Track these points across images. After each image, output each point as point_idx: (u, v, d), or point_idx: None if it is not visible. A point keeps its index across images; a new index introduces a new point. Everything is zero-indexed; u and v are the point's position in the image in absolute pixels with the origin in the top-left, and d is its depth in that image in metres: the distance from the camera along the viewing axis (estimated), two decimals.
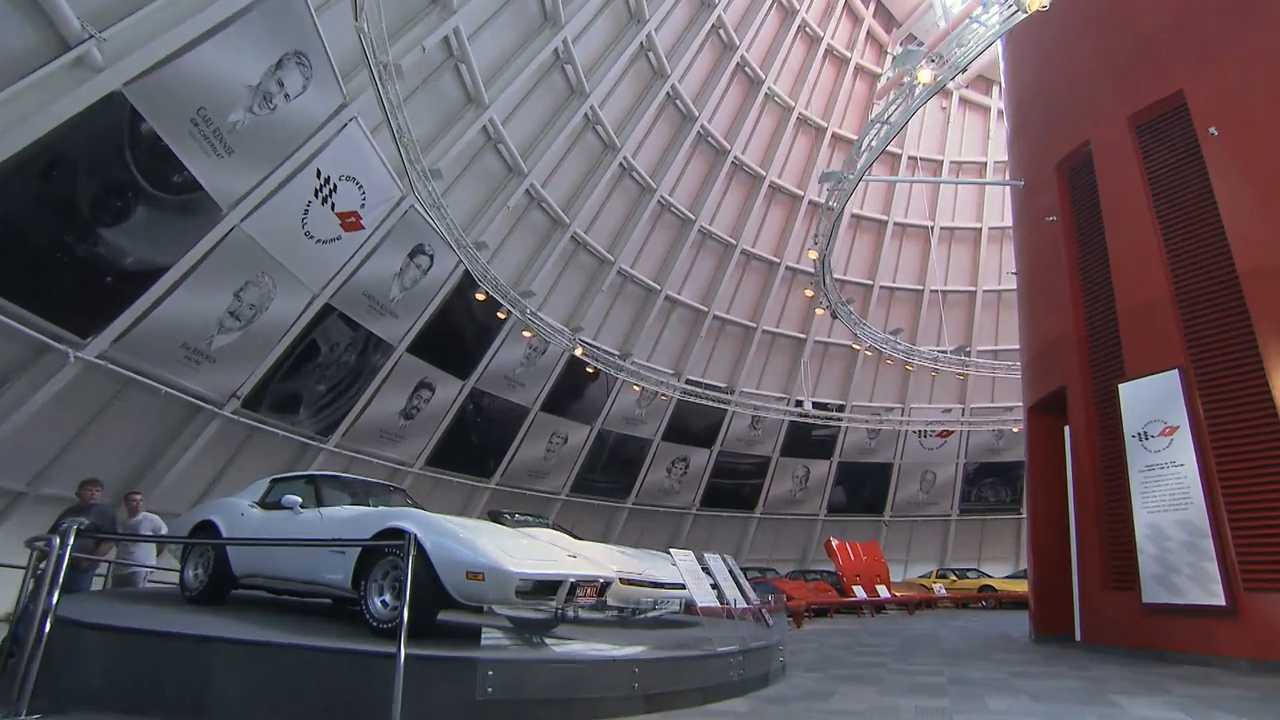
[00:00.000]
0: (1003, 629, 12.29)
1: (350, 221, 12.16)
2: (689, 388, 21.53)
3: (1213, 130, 7.69)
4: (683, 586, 7.23)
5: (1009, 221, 23.85)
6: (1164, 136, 8.45)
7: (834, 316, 16.56)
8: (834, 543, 18.69)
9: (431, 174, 12.09)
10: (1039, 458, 10.50)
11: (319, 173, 11.13)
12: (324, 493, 6.75)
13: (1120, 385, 8.16)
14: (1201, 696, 5.21)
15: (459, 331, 16.19)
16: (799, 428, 23.92)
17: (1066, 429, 9.39)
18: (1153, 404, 7.68)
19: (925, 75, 8.85)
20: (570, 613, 5.95)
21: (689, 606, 6.94)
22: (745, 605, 6.59)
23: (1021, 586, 18.91)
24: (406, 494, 7.92)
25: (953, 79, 9.21)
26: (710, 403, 21.98)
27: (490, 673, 4.44)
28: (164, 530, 7.99)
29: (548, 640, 6.37)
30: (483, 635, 5.83)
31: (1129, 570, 7.73)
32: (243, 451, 13.21)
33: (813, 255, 13.80)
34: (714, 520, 24.12)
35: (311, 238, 11.71)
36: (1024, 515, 24.88)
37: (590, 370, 18.85)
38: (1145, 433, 7.72)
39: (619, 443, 21.38)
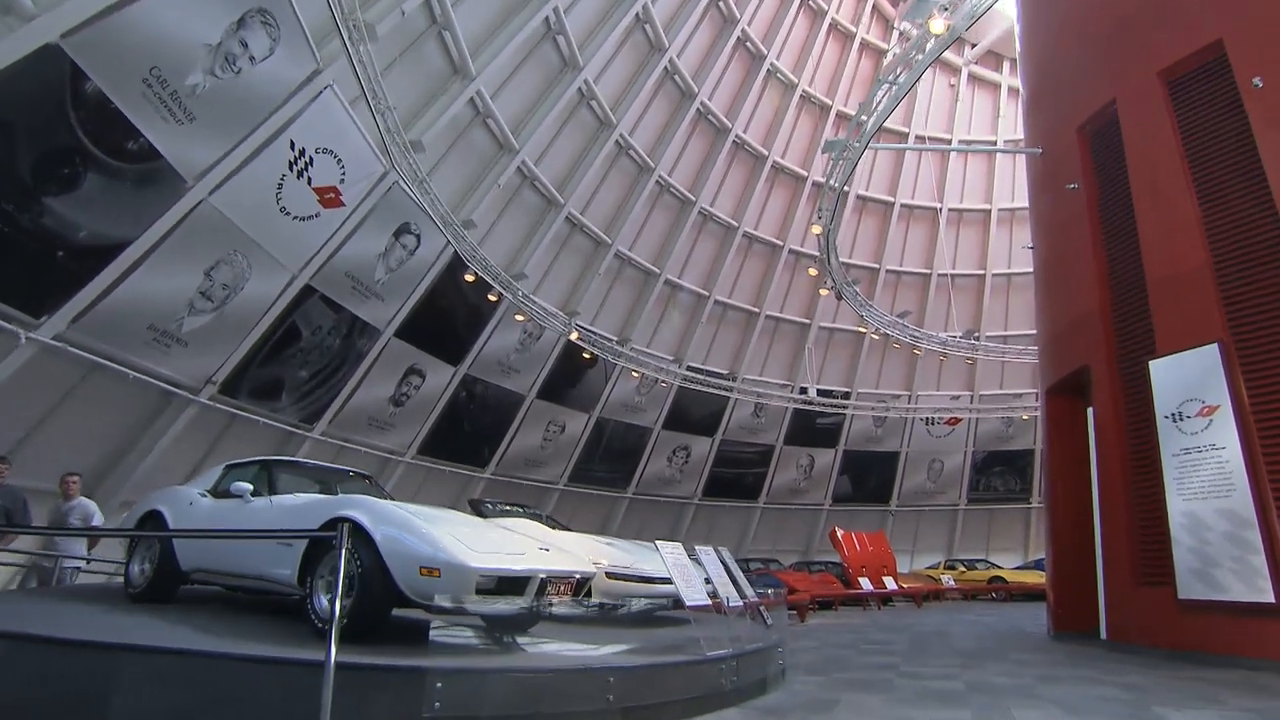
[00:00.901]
0: (1017, 623, 11.63)
1: (329, 197, 11.50)
2: (690, 374, 20.86)
3: (1257, 81, 6.93)
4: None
5: (1019, 202, 23.11)
6: (1200, 91, 7.69)
7: (839, 298, 15.84)
8: (839, 533, 18.05)
9: (413, 146, 11.41)
10: (1058, 443, 9.80)
11: (293, 144, 10.47)
12: (278, 479, 6.14)
13: (1151, 363, 7.44)
14: (1263, 710, 4.54)
15: (449, 315, 15.55)
16: (803, 416, 23.24)
17: (1089, 411, 8.69)
18: (1188, 382, 6.97)
19: (937, 25, 8.13)
20: (545, 611, 5.33)
21: (679, 603, 6.31)
22: (740, 603, 5.94)
23: (1033, 578, 18.24)
24: (373, 481, 7.30)
25: (967, 29, 8.46)
26: (712, 390, 21.32)
27: (439, 685, 3.80)
28: (97, 518, 7.35)
29: (521, 640, 5.76)
30: (439, 637, 5.23)
31: (1162, 564, 7.04)
32: (224, 440, 12.60)
33: (816, 230, 13.08)
34: (716, 510, 23.49)
35: (288, 214, 11.06)
36: (1033, 505, 24.32)
37: (587, 356, 18.20)
38: (1180, 413, 7.02)
39: (618, 431, 20.74)
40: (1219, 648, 6.33)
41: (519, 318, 15.86)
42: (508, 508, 9.12)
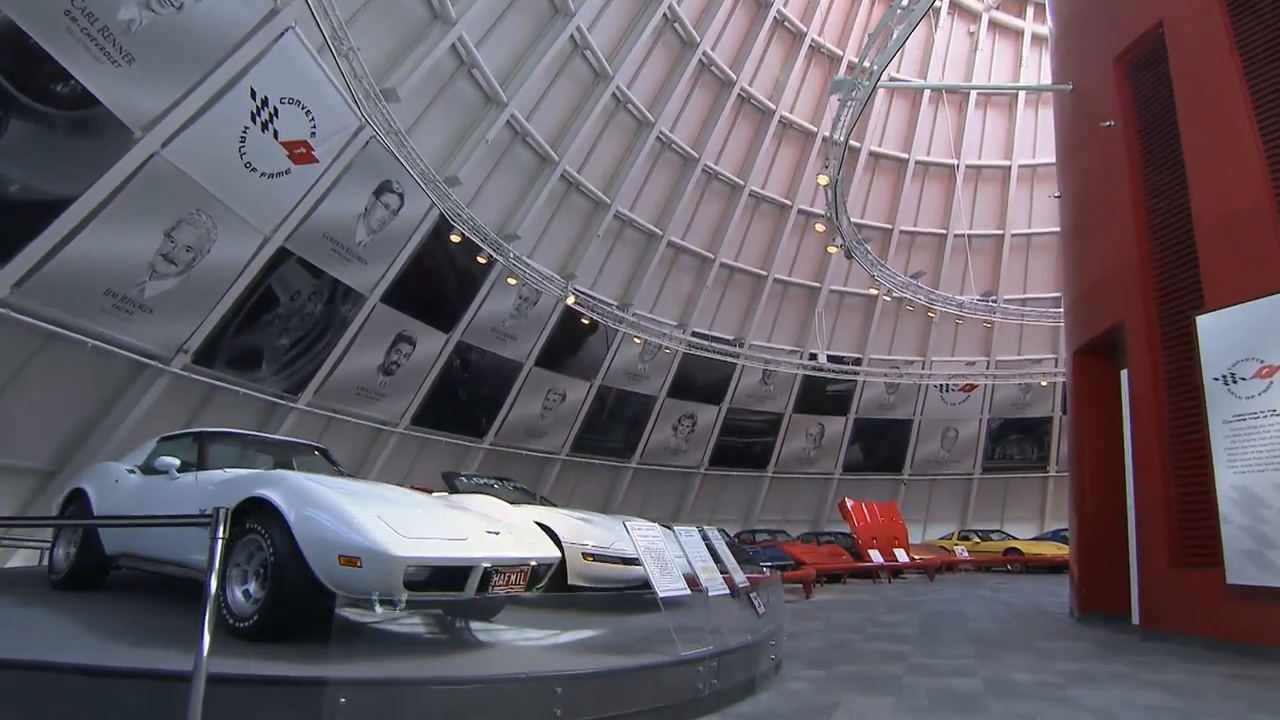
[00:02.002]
0: (1035, 600, 10.88)
1: (300, 153, 10.67)
2: (695, 340, 20.00)
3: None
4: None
5: (1041, 158, 21.81)
6: (1263, 5, 6.65)
7: (848, 256, 14.86)
8: (849, 503, 17.35)
9: (386, 95, 10.52)
10: (1086, 409, 8.93)
11: (254, 93, 9.61)
12: (210, 453, 5.43)
13: (1198, 318, 6.53)
14: None
15: (439, 279, 14.76)
16: (813, 382, 22.38)
17: (1124, 374, 7.80)
18: (1244, 339, 6.07)
19: None
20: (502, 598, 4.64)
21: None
22: (725, 591, 5.20)
23: (1049, 550, 17.47)
24: (328, 455, 6.58)
25: None
26: (718, 356, 20.46)
27: (343, 699, 3.10)
28: None
29: (479, 627, 5.10)
30: (370, 621, 4.56)
31: (1208, 543, 6.22)
32: (204, 413, 11.98)
33: (823, 181, 12.07)
34: (723, 480, 22.82)
35: (254, 171, 10.26)
36: (1051, 474, 23.42)
37: (587, 322, 17.38)
38: (1233, 374, 6.13)
39: (621, 399, 20.00)
40: (1275, 639, 5.53)
41: (512, 281, 15.05)
42: (485, 481, 8.40)
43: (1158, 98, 7.65)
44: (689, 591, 4.80)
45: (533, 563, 4.61)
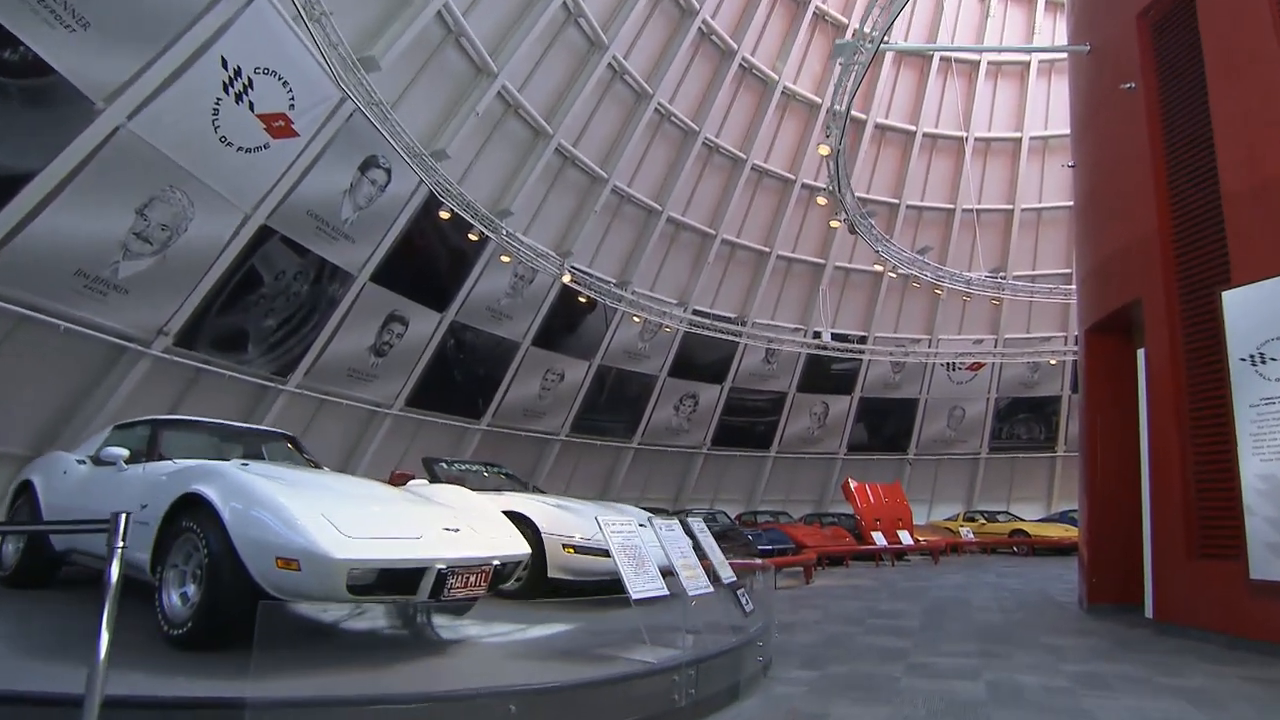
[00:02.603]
0: (1042, 587, 10.51)
1: (278, 126, 10.22)
2: (696, 319, 19.55)
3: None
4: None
5: (1054, 129, 21.03)
6: None
7: (852, 231, 14.31)
8: (852, 484, 16.97)
9: (365, 64, 10.02)
10: (1099, 390, 8.46)
11: (225, 62, 9.14)
12: (165, 442, 5.10)
13: (1224, 294, 6.04)
14: None
15: (430, 258, 14.34)
16: (817, 361, 21.93)
17: (1140, 353, 7.33)
18: (1274, 316, 5.59)
19: None
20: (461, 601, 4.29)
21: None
22: (708, 589, 4.83)
23: (1056, 531, 17.07)
24: (296, 443, 6.21)
25: None
26: (720, 335, 20.02)
27: None
28: None
29: (446, 625, 4.77)
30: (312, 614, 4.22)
31: (1229, 535, 5.80)
32: (190, 396, 11.68)
33: (824, 151, 11.50)
34: (726, 460, 22.49)
35: (231, 145, 9.82)
36: (1059, 454, 22.95)
37: (584, 300, 16.94)
38: (1261, 355, 5.66)
39: (621, 379, 19.63)
40: None
41: (505, 259, 14.60)
42: (469, 467, 8.05)
43: (1184, 57, 7.08)
44: (667, 592, 4.42)
45: (496, 561, 4.25)
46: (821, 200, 14.11)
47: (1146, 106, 7.46)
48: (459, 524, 4.34)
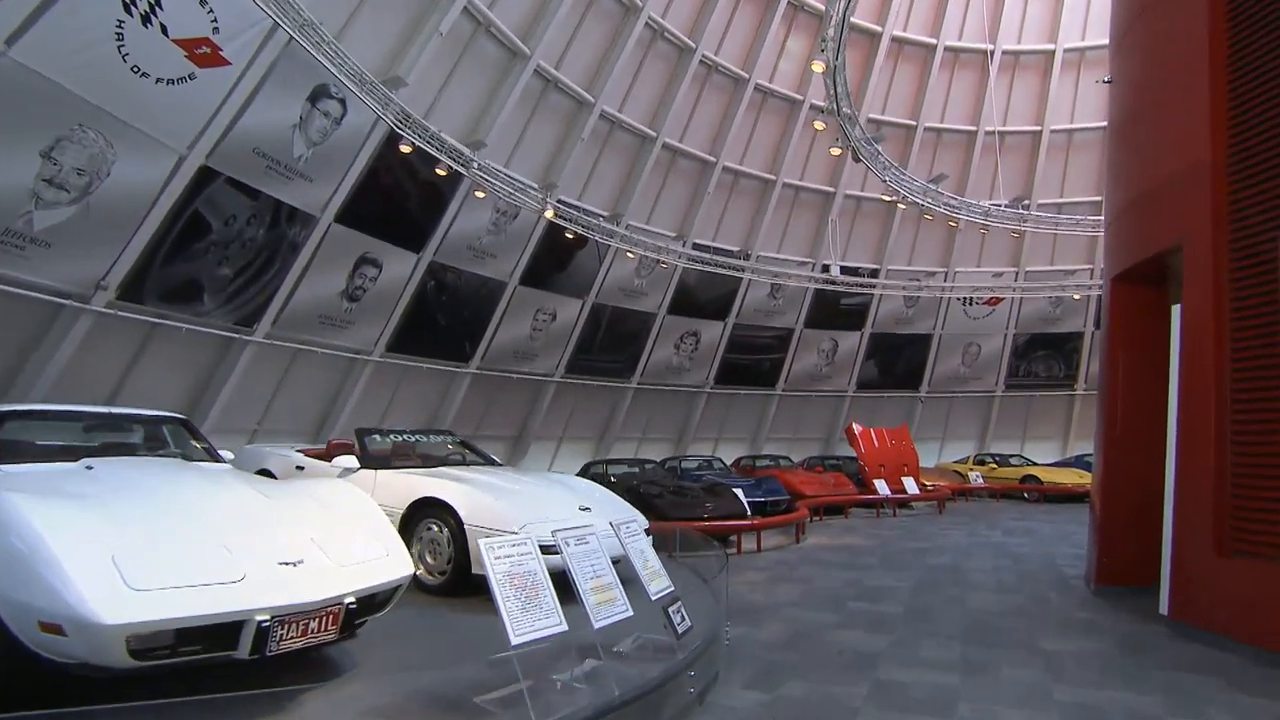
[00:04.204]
0: (1050, 551, 9.64)
1: (202, 53, 9.00)
2: (696, 254, 18.30)
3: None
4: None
5: (1093, 39, 18.83)
6: None
7: (856, 159, 12.83)
8: (856, 429, 16.09)
9: None
10: (1123, 350, 7.31)
11: None
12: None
13: None
14: None
15: (401, 195, 13.20)
16: (826, 296, 20.66)
17: (1176, 310, 6.15)
18: None
19: None
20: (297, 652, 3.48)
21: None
22: (623, 615, 4.00)
23: (1069, 478, 16.11)
24: (189, 426, 5.39)
25: None
26: (722, 270, 18.77)
27: None
28: None
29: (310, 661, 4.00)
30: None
31: (1272, 530, 4.82)
32: (147, 352, 10.98)
33: (818, 68, 10.00)
34: (730, 399, 21.63)
35: (147, 76, 8.66)
36: (1079, 392, 21.74)
37: (571, 236, 15.74)
38: None
39: (617, 317, 18.60)
40: None
41: (480, 195, 13.42)
42: (409, 437, 7.23)
43: None
44: (564, 627, 3.59)
45: (349, 599, 3.43)
46: (819, 124, 12.58)
47: (1208, 4, 6.00)
48: (303, 553, 3.50)
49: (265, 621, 3.02)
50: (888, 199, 16.67)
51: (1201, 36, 5.89)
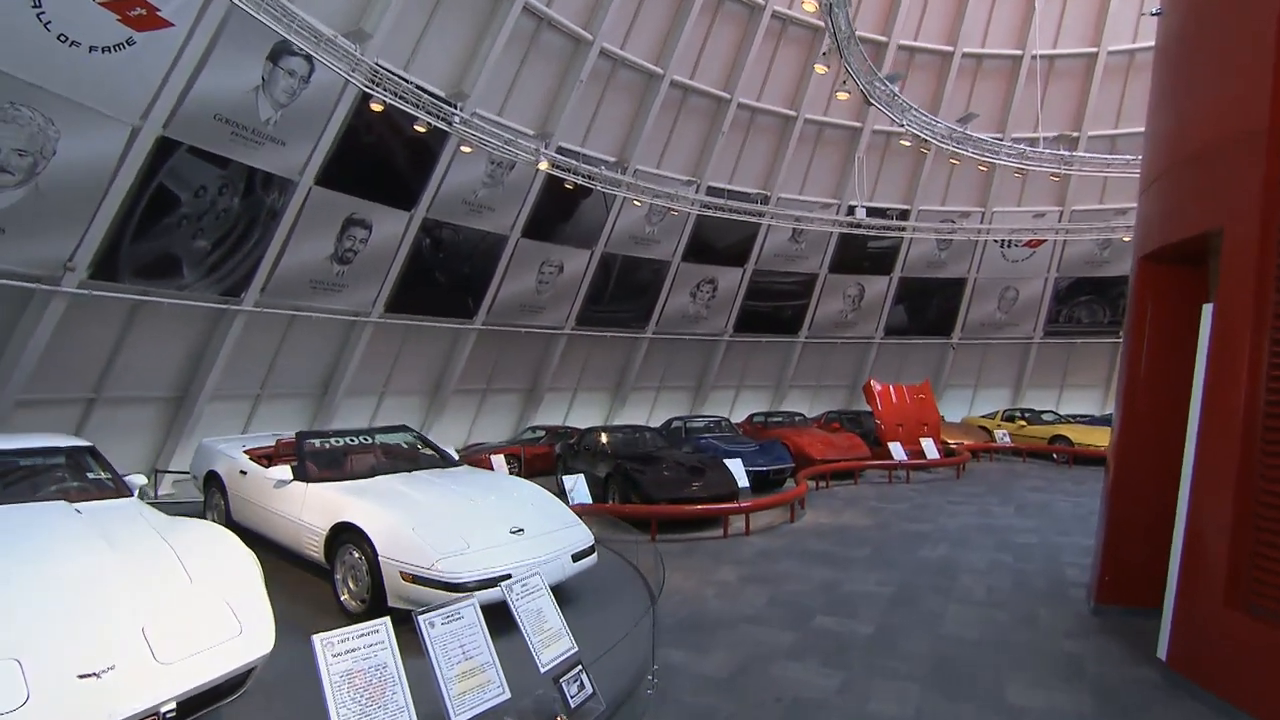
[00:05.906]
0: (1059, 544, 8.80)
1: (137, 15, 8.24)
2: (710, 200, 17.10)
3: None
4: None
5: None
6: None
7: (868, 101, 11.37)
8: (875, 386, 15.14)
9: None
10: (1146, 345, 6.24)
11: None
12: None
13: None
14: None
15: (385, 153, 12.45)
16: (851, 240, 19.30)
17: (1207, 310, 5.08)
18: None
19: None
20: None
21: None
22: (489, 703, 3.49)
23: (1103, 438, 14.88)
24: (94, 454, 4.99)
25: None
26: (738, 216, 17.56)
27: None
28: None
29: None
30: None
31: None
32: (134, 330, 10.81)
33: (809, 6, 8.60)
34: (752, 347, 20.78)
35: (78, 44, 7.99)
36: (1122, 338, 19.96)
37: (569, 187, 14.76)
38: None
39: (628, 266, 17.76)
40: None
41: (466, 150, 12.54)
42: (356, 440, 6.74)
43: None
44: None
45: (167, 709, 2.99)
46: (821, 68, 11.07)
47: None
48: (116, 656, 3.03)
49: None
50: (904, 144, 15.01)
51: None
